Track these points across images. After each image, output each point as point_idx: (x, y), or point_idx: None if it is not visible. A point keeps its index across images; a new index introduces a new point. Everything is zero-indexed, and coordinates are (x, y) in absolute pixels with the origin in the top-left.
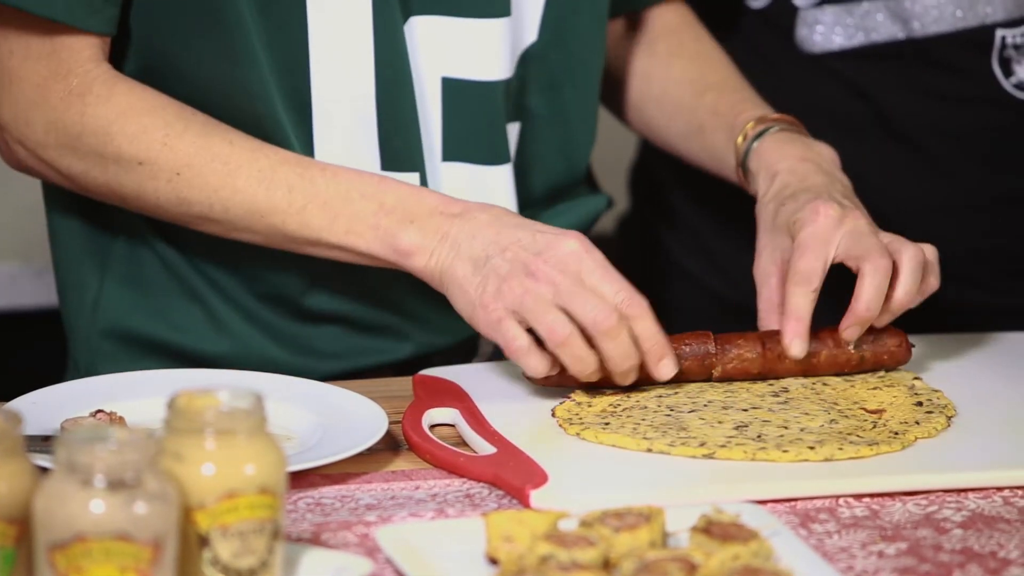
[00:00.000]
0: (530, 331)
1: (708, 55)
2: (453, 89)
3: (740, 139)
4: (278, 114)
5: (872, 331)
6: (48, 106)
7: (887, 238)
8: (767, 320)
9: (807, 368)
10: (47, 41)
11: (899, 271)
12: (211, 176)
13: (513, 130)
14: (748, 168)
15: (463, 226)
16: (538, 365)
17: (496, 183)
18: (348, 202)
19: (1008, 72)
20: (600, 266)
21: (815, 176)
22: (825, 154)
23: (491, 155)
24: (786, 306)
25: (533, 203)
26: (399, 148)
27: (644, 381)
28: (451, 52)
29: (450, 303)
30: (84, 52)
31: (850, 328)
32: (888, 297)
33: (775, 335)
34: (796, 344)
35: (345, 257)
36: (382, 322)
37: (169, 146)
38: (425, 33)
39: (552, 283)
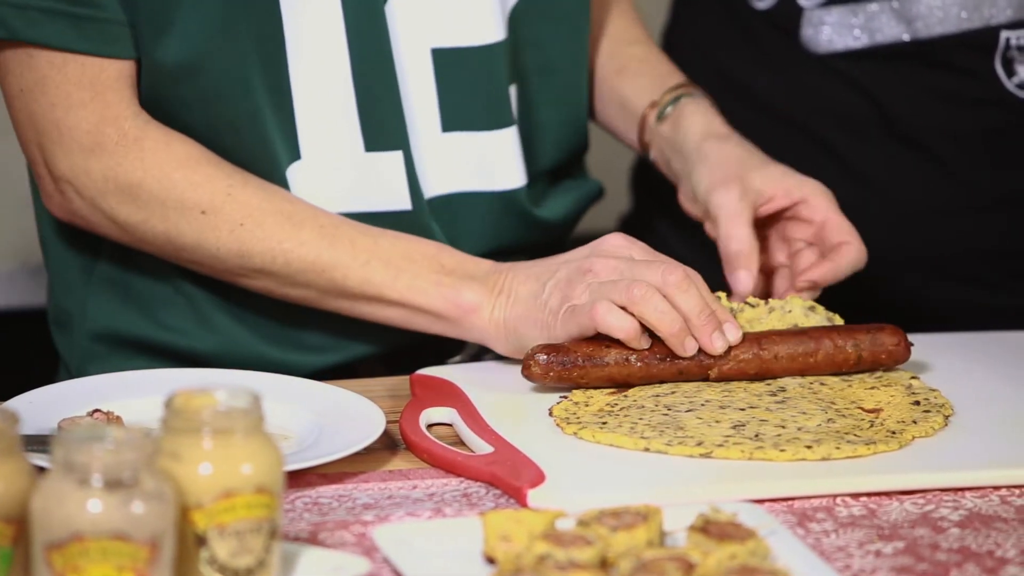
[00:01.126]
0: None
1: (645, 51)
2: (446, 59)
3: (658, 99)
4: (258, 101)
5: (870, 330)
6: (105, 153)
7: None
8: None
9: (804, 368)
10: (83, 85)
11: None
12: (275, 228)
13: (512, 93)
14: (664, 116)
15: (515, 274)
16: (625, 322)
17: (502, 148)
18: (410, 260)
19: (1011, 72)
20: (648, 250)
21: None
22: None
23: (493, 120)
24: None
25: (541, 174)
26: (382, 127)
27: (638, 374)
28: (438, 22)
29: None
30: (124, 92)
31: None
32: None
33: (771, 336)
34: (743, 277)
35: (401, 317)
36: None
37: (233, 196)
38: (407, 8)
39: (611, 268)
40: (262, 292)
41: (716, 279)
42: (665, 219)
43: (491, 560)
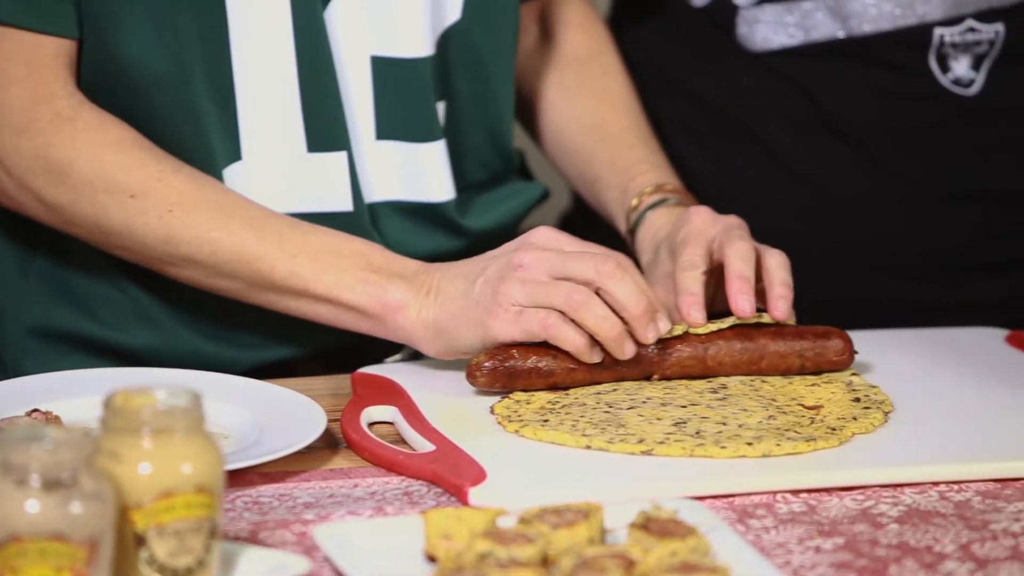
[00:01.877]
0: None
1: (613, 95)
2: (382, 67)
3: (634, 202)
4: (198, 96)
5: (816, 337)
6: (37, 132)
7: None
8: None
9: (748, 373)
10: (19, 62)
11: (763, 254)
12: (204, 216)
13: (440, 110)
14: (636, 236)
15: (443, 275)
16: (577, 337)
17: (430, 160)
18: (338, 256)
19: (945, 68)
20: (575, 240)
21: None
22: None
23: (422, 132)
24: (678, 287)
25: (469, 186)
26: (325, 129)
27: (583, 381)
28: (376, 30)
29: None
30: (61, 71)
31: (740, 296)
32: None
33: (716, 341)
34: (694, 312)
35: (328, 313)
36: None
37: (164, 182)
38: (349, 12)
39: (540, 262)
40: (189, 282)
41: None
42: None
43: (432, 559)
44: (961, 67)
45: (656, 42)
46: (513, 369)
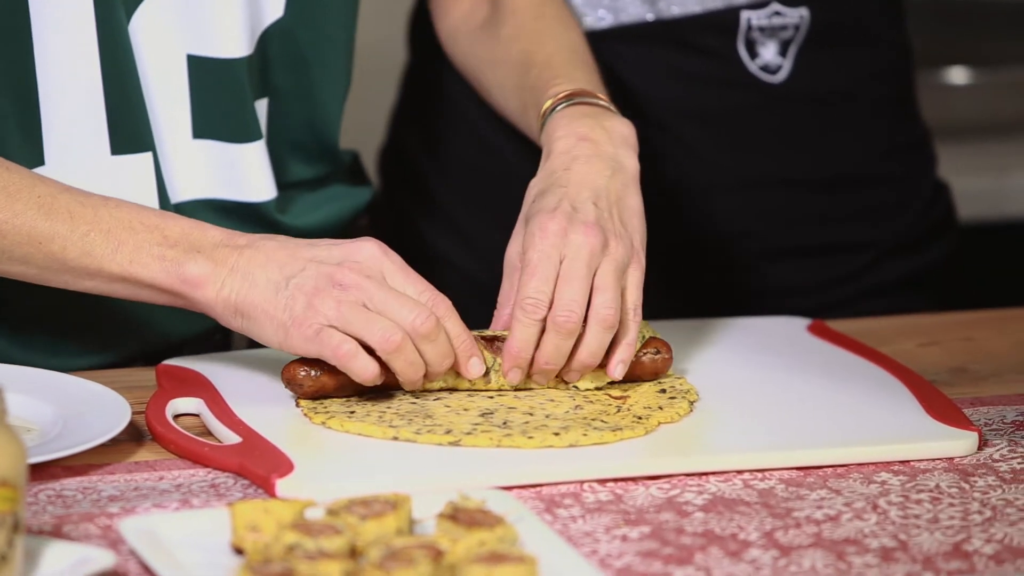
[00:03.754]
0: None
1: (545, 31)
2: (198, 66)
3: (541, 110)
4: (4, 114)
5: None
6: None
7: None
8: (500, 312)
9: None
10: None
11: (589, 322)
12: None
13: (262, 106)
14: (542, 144)
15: (253, 255)
16: (368, 369)
17: (249, 160)
18: (132, 232)
19: (753, 54)
20: (400, 268)
21: (586, 163)
22: (617, 132)
23: (240, 133)
24: (511, 332)
25: (294, 183)
26: (129, 131)
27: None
28: (192, 29)
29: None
30: None
31: (571, 372)
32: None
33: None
34: (513, 373)
35: (126, 291)
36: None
37: None
38: (164, 10)
39: (361, 288)
40: None
41: (468, 265)
42: (416, 204)
43: (240, 551)
44: (769, 52)
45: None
46: (328, 384)
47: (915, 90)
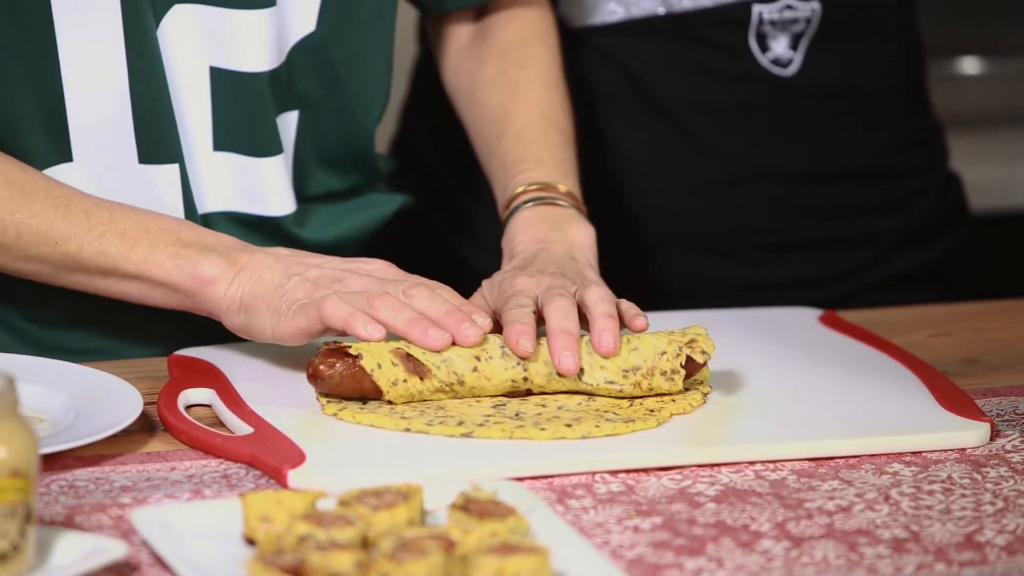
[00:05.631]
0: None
1: (526, 88)
2: (220, 78)
3: (507, 201)
4: (27, 113)
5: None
6: None
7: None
8: None
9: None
10: None
11: (582, 292)
12: (6, 198)
13: (292, 118)
14: (503, 238)
15: (263, 258)
16: (371, 328)
17: (268, 175)
18: (146, 233)
19: (764, 48)
20: (409, 275)
21: (541, 269)
22: (575, 238)
23: (260, 147)
24: (505, 318)
25: (318, 197)
26: (156, 142)
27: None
28: (215, 42)
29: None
30: None
31: (563, 353)
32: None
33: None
34: (523, 340)
35: (138, 291)
36: (130, 323)
37: None
38: (188, 22)
39: (361, 285)
40: None
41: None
42: (427, 199)
43: (251, 541)
44: (780, 46)
45: None
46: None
47: (926, 82)
